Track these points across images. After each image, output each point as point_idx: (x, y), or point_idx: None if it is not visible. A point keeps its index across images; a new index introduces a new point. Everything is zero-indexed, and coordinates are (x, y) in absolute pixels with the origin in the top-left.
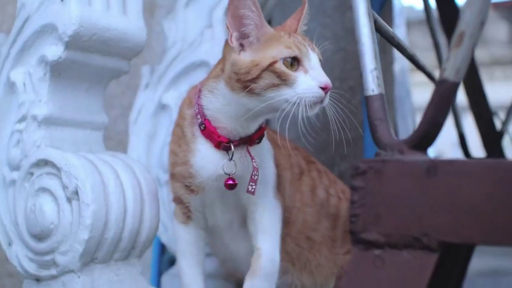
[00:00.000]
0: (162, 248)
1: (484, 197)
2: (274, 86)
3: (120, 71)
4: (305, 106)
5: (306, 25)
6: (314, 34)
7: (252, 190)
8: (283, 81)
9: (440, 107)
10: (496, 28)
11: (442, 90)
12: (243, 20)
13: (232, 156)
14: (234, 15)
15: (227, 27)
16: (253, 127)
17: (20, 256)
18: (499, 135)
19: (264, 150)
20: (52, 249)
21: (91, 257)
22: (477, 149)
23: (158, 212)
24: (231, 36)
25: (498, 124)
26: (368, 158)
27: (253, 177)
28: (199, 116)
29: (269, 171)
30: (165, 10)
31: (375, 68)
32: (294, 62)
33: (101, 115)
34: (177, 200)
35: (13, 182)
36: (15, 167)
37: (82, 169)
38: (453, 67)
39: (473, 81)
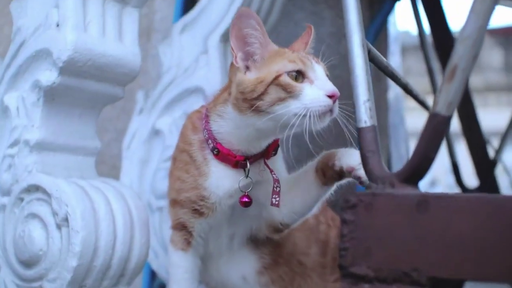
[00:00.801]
0: (153, 275)
1: (475, 232)
2: (280, 100)
3: (114, 97)
4: (314, 117)
5: (313, 48)
6: None
7: (276, 202)
8: (289, 93)
9: (431, 141)
10: (490, 55)
11: (434, 124)
12: (247, 39)
13: (248, 173)
14: (238, 36)
15: (231, 49)
16: (264, 145)
17: (7, 282)
18: (492, 163)
19: (279, 159)
20: (40, 276)
21: (80, 284)
22: (471, 176)
23: (148, 239)
24: (236, 57)
25: (491, 152)
26: (359, 191)
27: (275, 189)
28: (210, 141)
29: (284, 172)
30: (162, 34)
31: (368, 100)
32: (299, 76)
33: (93, 141)
34: (179, 226)
35: (3, 207)
36: (5, 192)
37: (73, 195)
38: (445, 101)
39: (466, 109)
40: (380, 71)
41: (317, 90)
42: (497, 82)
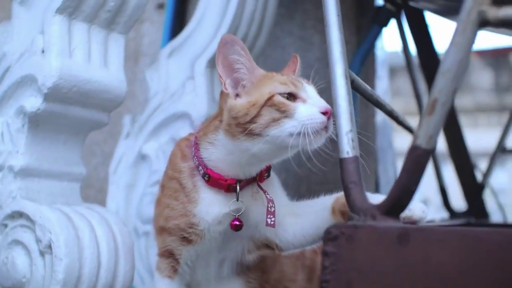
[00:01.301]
0: None
1: (455, 266)
2: (275, 121)
3: (100, 122)
4: (311, 134)
5: (301, 75)
6: None
7: (272, 222)
8: (283, 113)
9: (412, 174)
10: (480, 75)
11: (415, 157)
12: (234, 65)
13: (238, 196)
14: (224, 63)
15: (219, 76)
16: (256, 171)
17: None
18: (480, 187)
19: (275, 182)
20: None
21: None
22: (461, 197)
23: (133, 265)
24: (225, 84)
25: (479, 175)
26: (340, 223)
27: (269, 209)
28: (200, 168)
29: (282, 195)
30: (150, 58)
31: (351, 130)
32: (291, 98)
33: (78, 167)
34: (166, 253)
35: None
36: None
37: (57, 222)
38: (426, 135)
39: (453, 132)
40: (365, 99)
41: (310, 108)
42: (487, 102)
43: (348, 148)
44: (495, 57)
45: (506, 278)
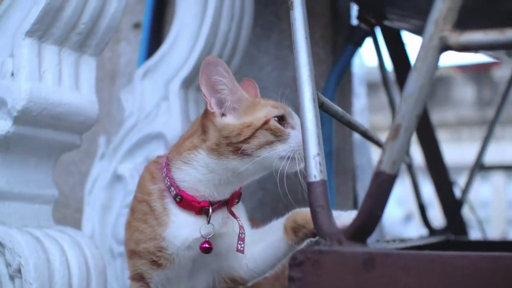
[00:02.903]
0: None
1: None
2: (268, 143)
3: (71, 145)
4: (297, 159)
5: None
6: None
7: (241, 248)
8: (278, 137)
9: (377, 199)
10: (463, 90)
11: (379, 183)
12: (217, 86)
13: (210, 219)
14: (208, 83)
15: (204, 96)
16: (229, 192)
17: None
18: (459, 203)
19: (241, 210)
20: None
21: None
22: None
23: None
24: (210, 103)
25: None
26: (306, 248)
27: (240, 235)
28: (172, 189)
29: (247, 223)
30: (126, 78)
31: (318, 154)
32: (281, 121)
33: (50, 189)
34: (137, 277)
35: None
36: None
37: (26, 246)
38: (389, 160)
39: (432, 151)
40: (337, 120)
41: (300, 135)
42: (469, 116)
43: (315, 172)
44: (477, 71)
45: None
